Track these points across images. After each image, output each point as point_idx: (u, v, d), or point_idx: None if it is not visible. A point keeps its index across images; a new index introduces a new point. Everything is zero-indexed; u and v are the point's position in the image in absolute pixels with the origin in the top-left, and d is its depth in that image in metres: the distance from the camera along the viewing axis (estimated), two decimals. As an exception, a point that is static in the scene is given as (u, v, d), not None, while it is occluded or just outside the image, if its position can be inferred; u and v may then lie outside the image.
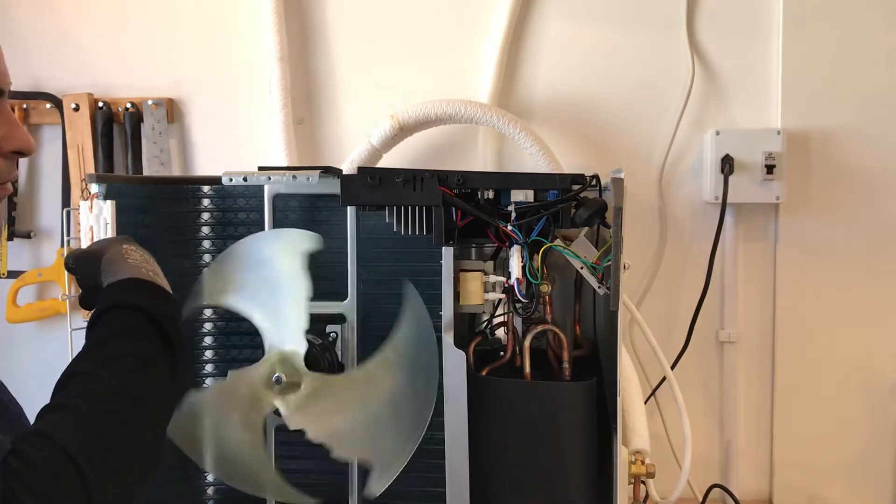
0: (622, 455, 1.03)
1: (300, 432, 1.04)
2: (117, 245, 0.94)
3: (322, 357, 1.11)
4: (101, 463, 0.68)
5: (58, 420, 0.69)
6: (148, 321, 0.83)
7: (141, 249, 0.96)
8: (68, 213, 1.37)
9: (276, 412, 1.07)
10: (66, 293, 1.24)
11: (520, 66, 1.54)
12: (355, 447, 1.06)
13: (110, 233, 1.10)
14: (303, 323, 1.06)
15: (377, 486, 1.05)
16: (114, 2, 1.59)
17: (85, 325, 1.03)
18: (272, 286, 1.09)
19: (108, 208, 1.09)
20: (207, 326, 1.26)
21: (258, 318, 1.10)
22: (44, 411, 0.71)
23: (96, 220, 1.09)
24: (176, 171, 1.59)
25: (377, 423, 1.07)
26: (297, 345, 1.06)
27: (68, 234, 1.35)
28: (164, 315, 0.85)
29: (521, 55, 1.54)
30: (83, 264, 0.93)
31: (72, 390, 0.73)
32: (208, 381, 1.25)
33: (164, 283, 0.92)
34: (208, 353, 1.26)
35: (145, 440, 0.75)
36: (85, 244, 1.10)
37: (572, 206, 1.05)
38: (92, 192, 1.11)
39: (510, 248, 1.06)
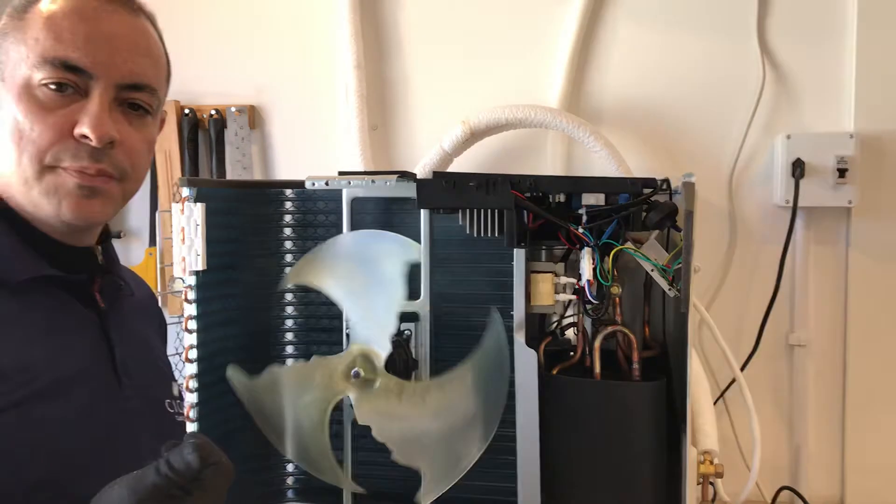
0: (691, 455, 1.05)
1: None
2: None
3: (396, 353, 1.16)
4: None
5: None
6: None
7: None
8: (157, 216, 1.44)
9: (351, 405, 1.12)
10: (157, 290, 1.31)
11: (589, 71, 1.56)
12: (413, 455, 1.09)
13: (200, 233, 1.16)
14: (391, 327, 1.11)
15: (426, 499, 1.08)
16: (199, 14, 1.67)
17: (174, 319, 1.10)
18: (372, 284, 1.14)
19: (198, 210, 1.15)
20: (289, 310, 1.31)
21: (349, 310, 1.15)
22: None
23: (187, 221, 1.15)
24: (257, 175, 1.66)
25: (439, 438, 1.10)
26: (381, 347, 1.11)
27: (157, 235, 1.42)
28: None
29: (591, 60, 1.56)
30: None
31: None
32: (288, 361, 1.30)
33: None
34: (289, 335, 1.31)
35: None
36: (177, 244, 1.17)
37: (643, 209, 1.07)
38: (183, 195, 1.17)
39: (581, 250, 1.08)
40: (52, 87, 0.76)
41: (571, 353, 1.14)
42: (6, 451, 0.70)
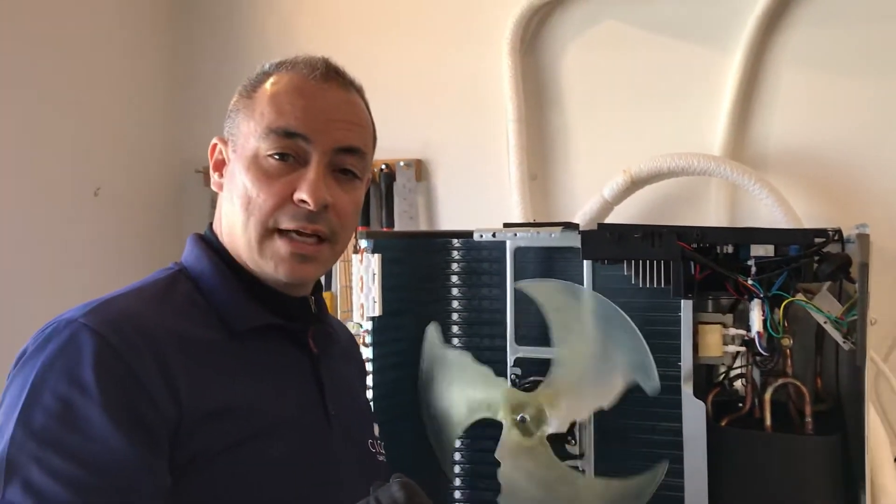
0: (871, 514, 1.01)
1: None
2: None
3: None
4: None
5: None
6: None
7: None
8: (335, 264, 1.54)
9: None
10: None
11: (752, 117, 1.55)
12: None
13: (377, 282, 1.24)
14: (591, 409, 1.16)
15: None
16: (369, 74, 1.78)
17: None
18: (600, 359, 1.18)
19: (375, 261, 1.24)
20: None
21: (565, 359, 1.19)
22: None
23: (365, 270, 1.24)
24: (422, 225, 1.75)
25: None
26: (566, 421, 1.17)
27: (334, 282, 1.52)
28: None
29: (754, 106, 1.55)
30: None
31: None
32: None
33: None
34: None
35: None
36: (356, 292, 1.26)
37: (815, 260, 1.06)
38: (361, 247, 1.26)
39: (749, 301, 1.08)
40: (276, 157, 0.85)
41: (740, 405, 1.13)
42: (239, 484, 0.78)
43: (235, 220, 0.86)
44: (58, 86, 1.70)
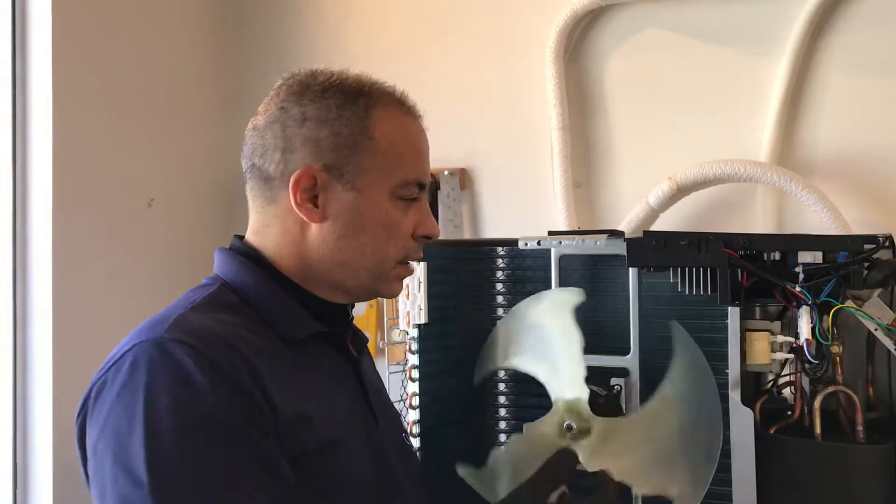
0: (925, 525, 1.00)
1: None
2: None
3: (608, 408, 1.18)
4: None
5: None
6: None
7: None
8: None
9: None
10: (379, 341, 1.43)
11: (799, 123, 1.54)
12: (652, 483, 1.11)
13: (423, 290, 1.26)
14: (580, 371, 1.14)
15: None
16: (413, 83, 1.80)
17: (396, 367, 1.20)
18: (547, 344, 1.19)
19: (421, 270, 1.26)
20: (500, 386, 1.37)
21: (542, 375, 1.20)
22: None
23: (412, 278, 1.26)
24: (466, 233, 1.76)
25: (669, 458, 1.11)
26: (578, 392, 1.14)
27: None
28: None
29: (801, 112, 1.54)
30: None
31: None
32: (502, 436, 1.36)
33: None
34: (502, 411, 1.37)
35: None
36: (402, 300, 1.28)
37: (865, 266, 1.05)
38: (408, 255, 1.28)
39: (797, 308, 1.07)
40: (407, 201, 0.93)
41: (789, 413, 1.12)
42: (324, 489, 0.81)
43: (356, 254, 0.91)
44: (113, 100, 1.75)
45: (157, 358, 0.76)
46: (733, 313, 1.09)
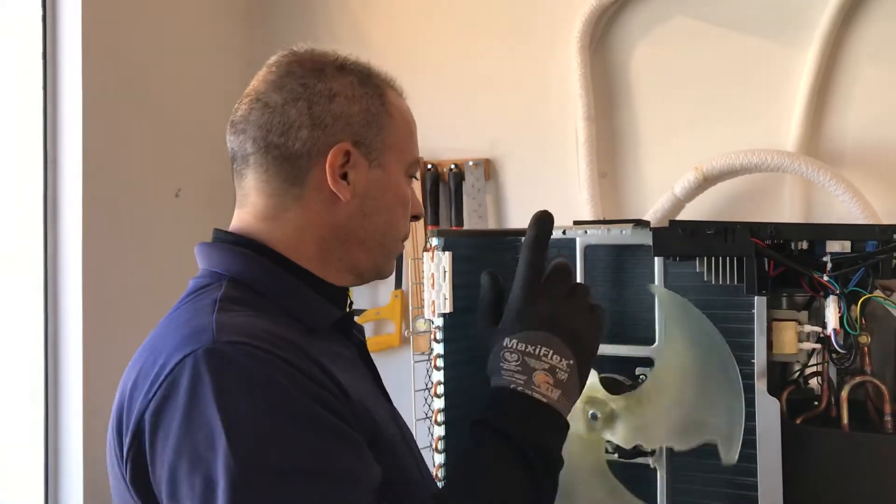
0: (955, 516, 0.99)
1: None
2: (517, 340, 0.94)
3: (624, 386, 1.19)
4: None
5: None
6: (519, 455, 0.84)
7: (539, 345, 0.92)
8: (406, 262, 1.57)
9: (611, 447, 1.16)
10: (403, 330, 1.44)
11: (827, 113, 1.52)
12: (692, 436, 1.11)
13: (448, 279, 1.27)
14: None
15: (729, 456, 1.08)
16: (438, 74, 1.81)
17: (420, 357, 1.20)
18: None
19: (445, 259, 1.26)
20: None
21: None
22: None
23: (436, 268, 1.26)
24: (491, 223, 1.76)
25: (694, 409, 1.11)
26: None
27: (403, 279, 1.55)
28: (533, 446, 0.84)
29: (829, 101, 1.52)
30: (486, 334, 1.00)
31: None
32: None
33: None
34: None
35: None
36: (427, 289, 1.28)
37: (893, 256, 1.04)
38: (432, 245, 1.28)
39: (825, 298, 1.07)
40: (411, 178, 0.96)
41: (816, 403, 1.11)
42: (393, 467, 0.80)
43: (376, 232, 0.91)
44: (141, 90, 1.77)
45: (217, 366, 0.72)
46: (760, 303, 1.08)
